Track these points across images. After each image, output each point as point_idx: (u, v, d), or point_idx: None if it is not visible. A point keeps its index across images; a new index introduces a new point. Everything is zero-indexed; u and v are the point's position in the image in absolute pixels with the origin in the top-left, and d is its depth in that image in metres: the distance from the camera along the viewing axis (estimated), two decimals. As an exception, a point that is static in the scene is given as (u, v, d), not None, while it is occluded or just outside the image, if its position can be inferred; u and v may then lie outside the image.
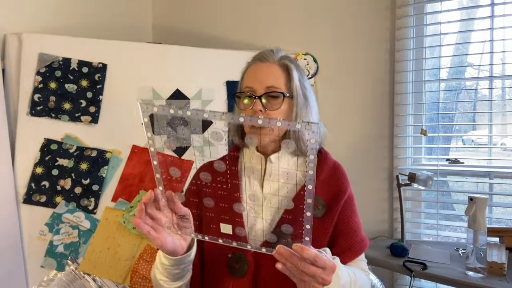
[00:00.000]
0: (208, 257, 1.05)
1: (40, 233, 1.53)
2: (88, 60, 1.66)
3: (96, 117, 1.64)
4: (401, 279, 1.90)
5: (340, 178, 1.08)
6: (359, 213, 1.10)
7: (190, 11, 2.38)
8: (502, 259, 1.43)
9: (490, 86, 1.83)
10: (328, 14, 2.06)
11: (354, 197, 1.10)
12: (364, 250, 1.05)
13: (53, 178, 1.57)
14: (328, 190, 1.05)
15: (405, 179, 1.80)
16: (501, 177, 1.81)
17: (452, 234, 1.90)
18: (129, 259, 1.63)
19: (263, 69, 1.04)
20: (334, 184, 1.06)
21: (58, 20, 1.81)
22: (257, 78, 1.02)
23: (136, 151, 1.69)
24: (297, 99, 1.03)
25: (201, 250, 1.03)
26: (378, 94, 1.98)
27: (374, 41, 1.97)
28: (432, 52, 1.93)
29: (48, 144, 1.57)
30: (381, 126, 1.98)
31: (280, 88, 1.02)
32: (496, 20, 1.77)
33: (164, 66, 1.78)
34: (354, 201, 1.09)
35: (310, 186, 0.71)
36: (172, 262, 0.90)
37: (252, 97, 1.01)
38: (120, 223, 1.63)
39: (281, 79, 1.03)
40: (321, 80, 2.08)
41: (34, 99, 1.56)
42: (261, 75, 1.03)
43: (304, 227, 0.75)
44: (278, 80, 1.02)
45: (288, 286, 0.96)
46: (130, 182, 1.67)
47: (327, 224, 1.01)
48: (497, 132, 1.90)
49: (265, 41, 2.16)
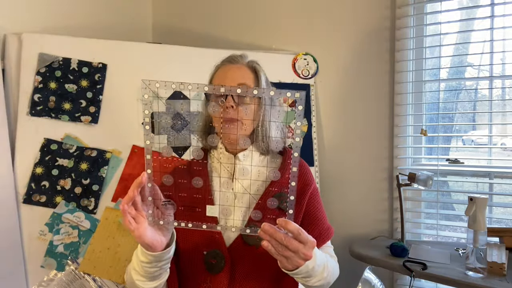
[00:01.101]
0: (183, 257, 1.07)
1: (40, 233, 1.53)
2: (88, 60, 1.66)
3: (96, 117, 1.64)
4: (401, 279, 1.90)
5: (304, 173, 1.16)
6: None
7: (190, 11, 2.38)
8: (502, 259, 1.43)
9: (490, 86, 1.84)
10: (328, 14, 2.06)
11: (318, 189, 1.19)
12: (330, 237, 1.14)
13: (53, 178, 1.57)
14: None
15: (405, 179, 1.80)
16: (501, 177, 1.81)
17: (452, 234, 1.90)
18: (129, 259, 1.62)
19: (233, 70, 1.10)
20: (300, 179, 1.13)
21: (58, 20, 1.81)
22: (228, 77, 1.08)
23: (136, 151, 1.69)
24: (264, 99, 1.09)
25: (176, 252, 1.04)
26: (378, 94, 1.98)
27: (374, 41, 1.97)
28: (432, 52, 1.93)
29: (48, 144, 1.57)
30: (381, 126, 1.98)
31: (250, 86, 1.07)
32: (496, 20, 1.77)
33: (164, 66, 1.78)
34: (319, 193, 1.18)
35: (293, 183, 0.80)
36: (150, 259, 0.91)
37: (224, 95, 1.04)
38: (120, 223, 1.63)
39: (250, 79, 1.09)
40: (321, 80, 2.08)
41: (34, 99, 1.56)
42: (232, 74, 1.09)
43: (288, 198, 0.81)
44: (248, 80, 1.09)
45: (265, 278, 1.01)
46: (130, 182, 1.64)
47: (296, 215, 1.08)
48: (497, 132, 1.90)
49: (265, 41, 2.16)
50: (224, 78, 1.08)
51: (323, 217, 1.14)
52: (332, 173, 2.07)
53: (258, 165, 1.12)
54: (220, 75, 1.11)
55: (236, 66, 1.11)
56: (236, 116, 1.03)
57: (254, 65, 1.13)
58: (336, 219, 1.96)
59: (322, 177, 2.05)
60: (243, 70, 1.10)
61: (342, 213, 2.01)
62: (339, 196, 2.05)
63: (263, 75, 1.13)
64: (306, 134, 2.01)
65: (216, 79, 1.11)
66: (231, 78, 1.07)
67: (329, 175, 2.06)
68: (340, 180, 2.06)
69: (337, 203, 2.03)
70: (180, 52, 1.83)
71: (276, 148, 1.13)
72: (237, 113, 1.03)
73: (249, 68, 1.12)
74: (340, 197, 2.04)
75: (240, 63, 1.12)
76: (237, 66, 1.11)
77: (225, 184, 1.10)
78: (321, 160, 2.05)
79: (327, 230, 1.13)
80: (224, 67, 1.12)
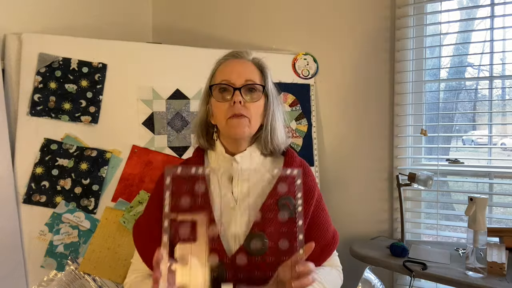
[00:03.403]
0: None
1: (40, 233, 1.53)
2: (88, 60, 1.66)
3: (96, 117, 1.64)
4: (401, 279, 1.90)
5: (307, 177, 1.11)
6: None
7: (190, 11, 2.38)
8: (502, 259, 1.43)
9: (490, 86, 1.83)
10: (328, 14, 2.06)
11: (321, 194, 1.14)
12: (336, 246, 1.11)
13: (53, 178, 1.57)
14: None
15: (405, 179, 1.80)
16: (501, 177, 1.81)
17: (452, 234, 1.90)
18: (129, 259, 1.62)
19: (239, 64, 1.05)
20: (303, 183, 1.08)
21: (58, 20, 1.81)
22: (235, 72, 1.03)
23: (136, 151, 1.69)
24: (271, 98, 1.06)
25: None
26: (378, 94, 1.98)
27: (374, 41, 1.97)
28: (432, 52, 1.93)
29: (48, 144, 1.57)
30: (381, 126, 1.98)
31: (257, 82, 1.04)
32: (496, 20, 1.77)
33: (164, 66, 1.78)
34: (322, 199, 1.13)
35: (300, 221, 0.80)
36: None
37: (231, 89, 1.01)
38: (120, 223, 1.63)
39: (256, 75, 1.05)
40: (321, 80, 2.08)
41: (34, 99, 1.56)
42: (238, 68, 1.04)
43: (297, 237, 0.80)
44: (254, 76, 1.04)
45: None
46: (130, 182, 1.67)
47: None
48: (497, 132, 1.90)
49: (265, 41, 2.16)
50: (231, 73, 1.03)
51: (329, 225, 1.11)
52: (332, 173, 2.07)
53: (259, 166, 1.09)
54: (225, 70, 1.05)
55: (242, 61, 1.06)
56: (244, 112, 1.00)
57: (260, 62, 1.09)
58: (336, 219, 1.95)
59: (322, 177, 2.05)
60: (249, 66, 1.06)
61: (342, 213, 2.01)
62: (339, 196, 2.04)
63: (269, 74, 1.09)
64: (306, 134, 2.01)
65: (220, 73, 1.05)
66: (238, 73, 1.02)
67: (329, 175, 2.06)
68: (340, 180, 2.06)
69: (337, 203, 2.03)
70: (180, 52, 1.83)
71: (281, 148, 1.10)
72: (245, 109, 1.00)
73: (255, 65, 1.08)
74: (340, 197, 2.04)
75: (246, 59, 1.08)
76: (243, 61, 1.06)
77: (224, 186, 1.05)
78: (321, 160, 2.05)
79: (333, 239, 1.10)
80: (229, 62, 1.07)
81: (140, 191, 1.68)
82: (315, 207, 1.08)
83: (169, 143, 1.76)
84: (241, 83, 1.01)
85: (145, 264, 1.08)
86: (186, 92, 1.79)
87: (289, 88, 1.99)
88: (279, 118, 1.09)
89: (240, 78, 1.01)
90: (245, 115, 1.01)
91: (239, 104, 0.99)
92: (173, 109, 1.77)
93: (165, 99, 1.76)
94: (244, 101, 1.00)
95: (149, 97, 1.73)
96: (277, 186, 1.04)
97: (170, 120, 1.76)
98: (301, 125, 2.01)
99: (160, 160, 1.72)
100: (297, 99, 2.01)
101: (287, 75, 2.01)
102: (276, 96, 1.09)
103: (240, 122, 1.00)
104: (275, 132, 1.06)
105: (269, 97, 1.05)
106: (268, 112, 1.06)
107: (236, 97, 0.99)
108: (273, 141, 1.06)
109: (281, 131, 1.09)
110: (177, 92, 1.78)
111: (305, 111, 2.02)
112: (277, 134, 1.07)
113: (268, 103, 1.06)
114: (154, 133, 1.73)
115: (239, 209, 1.03)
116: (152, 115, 1.73)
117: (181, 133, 1.78)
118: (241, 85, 1.01)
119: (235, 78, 1.01)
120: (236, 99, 0.99)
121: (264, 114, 1.06)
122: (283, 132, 1.10)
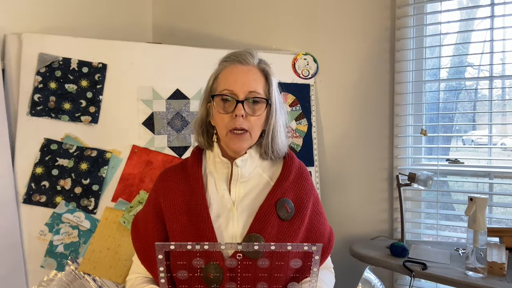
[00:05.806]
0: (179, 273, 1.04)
1: (40, 233, 1.53)
2: (88, 60, 1.66)
3: (96, 117, 1.64)
4: (401, 279, 1.90)
5: (305, 180, 1.10)
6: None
7: (190, 11, 2.38)
8: (502, 259, 1.43)
9: (490, 86, 1.83)
10: (327, 14, 2.06)
11: (318, 197, 1.14)
12: (331, 249, 1.11)
13: (53, 178, 1.57)
14: (296, 191, 1.07)
15: (405, 179, 1.80)
16: (501, 177, 1.81)
17: (452, 234, 1.90)
18: (129, 259, 1.63)
19: (244, 72, 1.02)
20: (301, 186, 1.08)
21: (58, 20, 1.81)
22: (239, 82, 1.00)
23: (136, 151, 1.69)
24: (274, 106, 1.04)
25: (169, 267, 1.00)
26: (378, 94, 1.98)
27: (374, 41, 1.97)
28: (432, 52, 1.93)
29: (48, 144, 1.57)
30: (381, 126, 1.98)
31: (261, 94, 1.02)
32: (496, 20, 1.77)
33: (164, 66, 1.78)
34: (319, 202, 1.13)
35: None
36: None
37: (233, 101, 1.00)
38: (120, 223, 1.63)
39: (261, 84, 1.03)
40: (321, 80, 2.08)
41: (34, 99, 1.56)
42: (242, 78, 1.01)
43: None
44: (259, 85, 1.02)
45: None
46: (130, 182, 1.67)
47: (296, 227, 1.03)
48: (497, 132, 1.90)
49: (265, 41, 2.16)
50: (235, 82, 1.00)
51: (325, 229, 1.10)
52: (332, 173, 2.07)
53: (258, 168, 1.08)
54: (229, 78, 1.02)
55: (247, 68, 1.03)
56: (246, 126, 0.99)
57: (265, 67, 1.06)
58: (336, 219, 1.97)
59: (322, 177, 2.05)
60: (254, 73, 1.03)
61: (342, 213, 2.01)
62: (339, 196, 2.04)
63: (274, 81, 1.06)
64: (306, 134, 2.01)
65: (223, 80, 1.02)
66: (242, 83, 1.00)
67: (329, 175, 2.06)
68: (340, 180, 2.06)
69: (337, 203, 2.03)
70: (180, 52, 1.83)
71: (281, 154, 1.09)
72: (247, 122, 0.99)
73: (260, 71, 1.04)
74: (340, 197, 2.04)
75: (251, 64, 1.04)
76: (248, 68, 1.03)
77: (221, 188, 1.05)
78: (321, 160, 2.05)
79: (329, 243, 1.09)
80: (233, 67, 1.03)
81: (140, 191, 1.68)
82: (311, 211, 1.07)
83: (169, 143, 1.76)
84: (244, 95, 0.99)
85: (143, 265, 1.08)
86: (186, 92, 1.79)
87: (289, 88, 1.99)
88: (281, 125, 1.07)
89: (243, 88, 0.99)
90: (246, 129, 0.99)
91: (241, 117, 0.98)
92: (173, 109, 1.77)
93: (165, 99, 1.76)
94: (246, 114, 0.99)
95: (149, 97, 1.73)
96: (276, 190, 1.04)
97: (170, 120, 1.76)
98: (301, 125, 2.01)
99: (160, 160, 1.72)
100: (297, 99, 2.01)
101: (287, 75, 2.01)
102: (280, 102, 1.07)
103: (241, 138, 0.99)
104: (276, 140, 1.06)
105: (272, 106, 1.04)
106: (270, 121, 1.04)
107: (238, 111, 0.97)
108: (273, 148, 1.06)
109: (282, 139, 1.08)
110: (177, 92, 1.78)
111: (305, 111, 2.02)
112: (278, 142, 1.06)
113: (271, 112, 1.04)
114: (154, 133, 1.73)
115: (237, 211, 1.02)
116: (152, 115, 1.73)
117: (181, 133, 1.78)
118: (244, 98, 0.99)
119: (239, 89, 0.99)
120: (238, 113, 0.97)
121: (266, 123, 1.05)
122: (284, 139, 1.09)
